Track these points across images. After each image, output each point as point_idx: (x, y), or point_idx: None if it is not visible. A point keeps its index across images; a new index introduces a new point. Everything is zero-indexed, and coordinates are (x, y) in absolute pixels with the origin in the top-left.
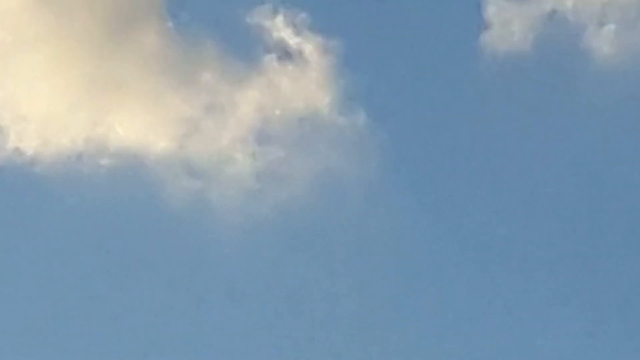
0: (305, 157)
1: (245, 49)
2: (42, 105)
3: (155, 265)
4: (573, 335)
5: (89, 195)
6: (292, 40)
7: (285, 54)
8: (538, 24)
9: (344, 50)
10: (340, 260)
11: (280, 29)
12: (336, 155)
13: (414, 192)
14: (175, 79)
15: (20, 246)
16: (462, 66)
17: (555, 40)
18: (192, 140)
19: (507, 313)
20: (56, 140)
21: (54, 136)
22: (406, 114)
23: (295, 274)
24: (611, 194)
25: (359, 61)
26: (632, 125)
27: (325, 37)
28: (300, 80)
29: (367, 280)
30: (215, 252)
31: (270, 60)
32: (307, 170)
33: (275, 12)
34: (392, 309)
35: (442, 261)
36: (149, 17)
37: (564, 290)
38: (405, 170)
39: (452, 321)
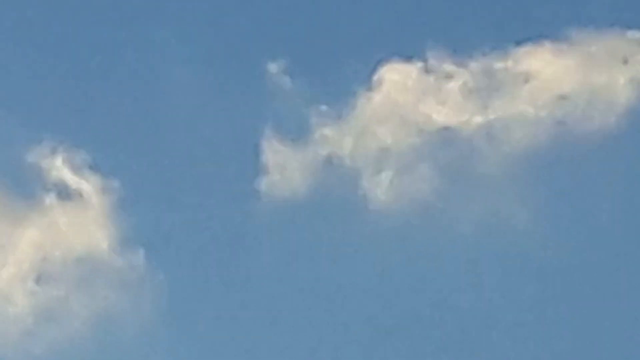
0: (84, 296)
1: (24, 188)
2: None
3: None
4: None
5: None
6: (71, 179)
7: (65, 193)
8: (315, 169)
9: (123, 190)
10: None
11: (59, 168)
12: (114, 295)
13: (189, 332)
14: None
15: None
16: (240, 210)
17: (333, 185)
18: None
19: None
20: None
21: None
22: (184, 254)
23: None
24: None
25: (139, 201)
26: (406, 269)
27: (104, 177)
28: (80, 220)
29: None
30: None
31: (49, 199)
32: (85, 309)
33: (54, 151)
34: None
35: None
36: None
37: None
38: (181, 310)
39: None
